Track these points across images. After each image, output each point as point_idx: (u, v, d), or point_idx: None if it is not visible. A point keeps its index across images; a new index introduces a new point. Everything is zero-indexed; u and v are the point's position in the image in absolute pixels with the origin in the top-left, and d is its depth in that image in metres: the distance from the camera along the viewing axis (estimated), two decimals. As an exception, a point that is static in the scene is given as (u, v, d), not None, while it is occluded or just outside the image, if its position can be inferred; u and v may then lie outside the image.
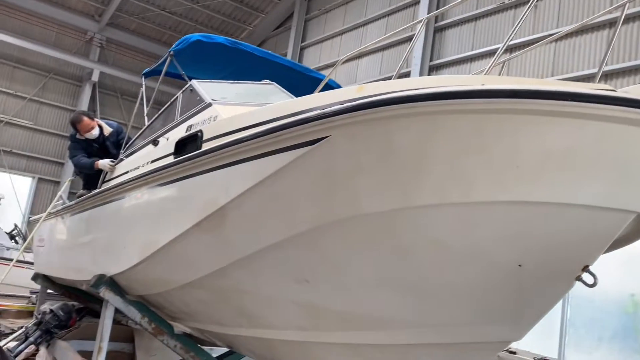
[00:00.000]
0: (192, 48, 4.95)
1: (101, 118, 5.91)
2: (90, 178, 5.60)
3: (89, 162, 5.50)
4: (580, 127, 1.93)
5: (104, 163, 5.25)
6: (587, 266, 2.24)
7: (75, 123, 5.69)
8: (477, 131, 2.01)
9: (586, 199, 2.06)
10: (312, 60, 14.60)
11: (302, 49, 15.51)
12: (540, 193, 2.06)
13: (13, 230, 13.26)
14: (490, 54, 9.08)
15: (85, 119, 5.66)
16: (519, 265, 2.28)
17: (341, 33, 14.06)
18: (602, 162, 2.00)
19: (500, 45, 2.51)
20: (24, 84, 17.58)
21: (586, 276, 2.26)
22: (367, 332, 2.80)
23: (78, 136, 5.75)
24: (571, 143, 1.97)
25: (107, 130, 5.80)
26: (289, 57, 14.90)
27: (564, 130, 1.94)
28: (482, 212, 2.16)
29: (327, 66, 13.24)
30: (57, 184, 17.14)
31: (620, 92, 1.92)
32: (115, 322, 5.65)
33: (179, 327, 4.28)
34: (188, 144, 3.39)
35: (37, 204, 17.03)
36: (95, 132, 5.69)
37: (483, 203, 2.13)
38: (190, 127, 3.70)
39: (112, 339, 5.17)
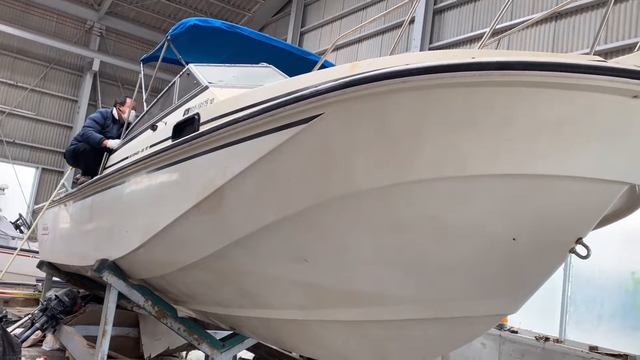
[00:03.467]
0: (189, 32, 4.93)
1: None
2: (90, 165, 5.65)
3: (97, 138, 5.63)
4: (571, 98, 1.93)
5: (112, 143, 5.40)
6: (581, 238, 2.25)
7: (122, 102, 6.10)
8: (468, 105, 2.02)
9: (578, 171, 2.07)
10: (312, 45, 14.54)
11: (302, 34, 15.44)
12: (533, 165, 2.08)
13: (18, 220, 13.35)
14: (490, 36, 9.01)
15: (131, 100, 6.00)
16: (513, 239, 2.30)
17: (340, 17, 13.97)
18: (594, 133, 2.01)
19: (492, 25, 2.50)
20: (25, 74, 17.58)
21: (580, 248, 2.27)
22: (367, 308, 2.83)
23: (114, 112, 6.02)
24: (562, 114, 1.97)
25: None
26: (288, 42, 14.82)
27: (555, 101, 1.95)
28: (476, 185, 2.17)
29: (326, 50, 13.19)
30: (61, 173, 17.22)
31: (611, 62, 1.92)
32: (121, 307, 5.75)
33: (182, 311, 4.33)
34: (186, 128, 3.41)
35: (41, 194, 17.13)
36: (133, 115, 5.78)
37: (477, 177, 2.14)
38: (187, 110, 3.72)
39: (118, 324, 5.26)
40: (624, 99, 1.92)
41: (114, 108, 6.13)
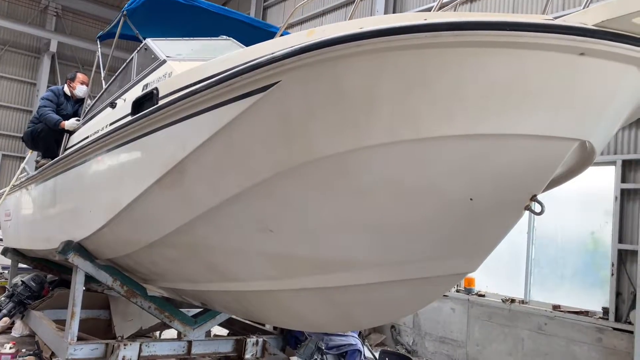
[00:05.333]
0: (145, 6, 4.80)
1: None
2: (50, 146, 5.52)
3: (55, 119, 5.48)
4: (520, 57, 1.97)
5: (70, 123, 5.27)
6: (535, 195, 2.32)
7: (72, 78, 5.94)
8: (421, 67, 2.04)
9: (530, 129, 2.12)
10: (276, 19, 14.33)
11: (265, 8, 15.19)
12: (486, 125, 2.12)
13: (-20, 208, 12.96)
14: (446, 5, 9.04)
15: (85, 76, 5.89)
16: (470, 199, 2.35)
17: (304, -9, 13.79)
18: (544, 91, 2.05)
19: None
20: (-22, 58, 16.92)
21: (534, 205, 2.34)
22: (333, 274, 2.87)
23: (65, 89, 5.84)
24: (513, 73, 2.01)
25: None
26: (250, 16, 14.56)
27: (505, 60, 1.98)
28: (431, 147, 2.21)
29: (291, 25, 13.02)
30: (22, 159, 16.74)
31: (558, 21, 1.96)
32: (91, 290, 5.69)
33: (152, 290, 4.32)
34: (145, 103, 3.35)
35: (2, 181, 16.63)
36: (83, 90, 5.78)
37: (432, 139, 2.18)
38: (146, 86, 3.65)
39: (88, 306, 5.21)
40: (572, 56, 1.97)
41: (65, 84, 5.97)
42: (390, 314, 3.21)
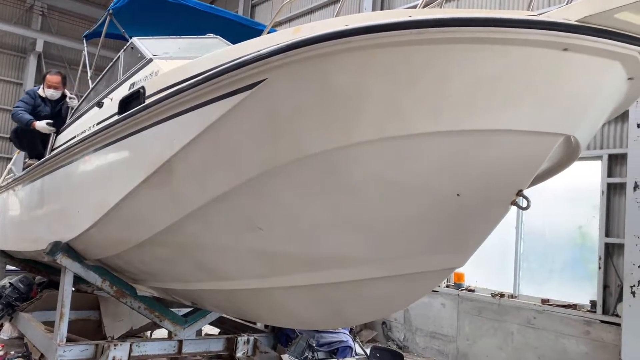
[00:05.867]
0: (132, 5, 4.78)
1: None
2: (34, 146, 5.49)
3: (26, 119, 5.42)
4: (505, 53, 1.99)
5: (41, 124, 5.24)
6: (521, 190, 2.34)
7: (46, 75, 5.80)
8: (407, 63, 2.05)
9: (515, 124, 2.14)
10: (264, 17, 14.29)
11: (253, 6, 15.13)
12: (472, 121, 2.13)
13: (-34, 210, 12.83)
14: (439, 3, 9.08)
15: (59, 78, 5.69)
16: (458, 194, 2.37)
17: (292, -12, 13.76)
18: (528, 87, 2.07)
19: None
20: (-37, 58, 16.70)
21: (520, 200, 2.36)
22: (323, 271, 2.88)
23: (39, 91, 5.72)
24: (497, 69, 2.03)
25: (75, 103, 5.65)
26: (237, 14, 14.52)
27: (490, 56, 1.99)
28: (419, 144, 2.22)
29: (279, 23, 13.00)
30: (9, 160, 16.56)
31: (542, 17, 1.98)
32: (80, 291, 5.66)
33: (142, 290, 4.30)
34: (131, 102, 3.33)
35: (-10, 183, 16.46)
36: (56, 94, 5.65)
37: (419, 135, 2.19)
38: (133, 84, 3.63)
39: (78, 307, 5.18)
40: (555, 52, 1.98)
41: (39, 86, 5.88)
42: (380, 310, 3.22)
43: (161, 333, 6.14)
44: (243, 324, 5.02)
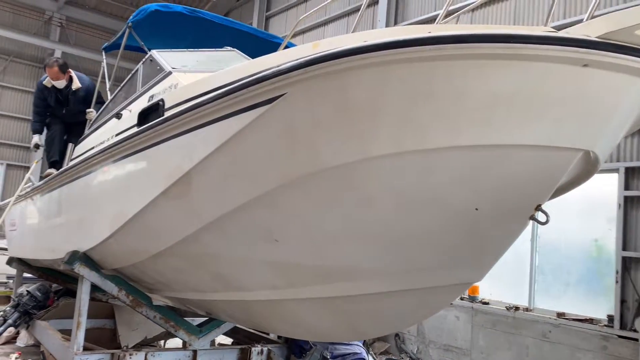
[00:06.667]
0: (150, 18, 4.86)
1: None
2: (62, 155, 5.70)
3: (33, 128, 6.23)
4: (524, 69, 1.99)
5: (36, 139, 6.10)
6: (540, 205, 2.33)
7: (46, 66, 5.88)
8: (426, 79, 2.06)
9: (534, 139, 2.14)
10: (277, 29, 14.41)
11: (268, 18, 15.28)
12: (491, 136, 2.14)
13: (-16, 218, 13.00)
14: (450, 13, 9.10)
15: (56, 68, 5.76)
16: (476, 209, 2.37)
17: (305, 0, 13.88)
18: (547, 102, 2.07)
19: (449, 1, 2.54)
20: (-17, 68, 17.02)
21: (539, 215, 2.36)
22: (338, 284, 2.89)
23: (45, 82, 5.86)
24: (517, 85, 2.03)
25: (76, 84, 5.83)
26: (253, 27, 14.65)
27: (509, 72, 2.00)
28: (437, 158, 2.23)
29: (293, 35, 13.12)
30: (27, 169, 16.80)
31: (561, 33, 1.98)
32: (95, 299, 5.71)
33: (157, 299, 4.33)
34: (151, 114, 3.39)
35: (7, 191, 16.67)
36: (61, 84, 5.80)
37: (437, 149, 2.20)
38: (152, 97, 3.68)
39: (93, 315, 5.23)
40: (575, 67, 1.99)
41: (46, 77, 6.02)
42: (396, 324, 3.21)
43: (175, 342, 6.16)
44: (257, 335, 5.03)
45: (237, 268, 3.24)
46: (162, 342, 6.26)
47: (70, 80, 5.84)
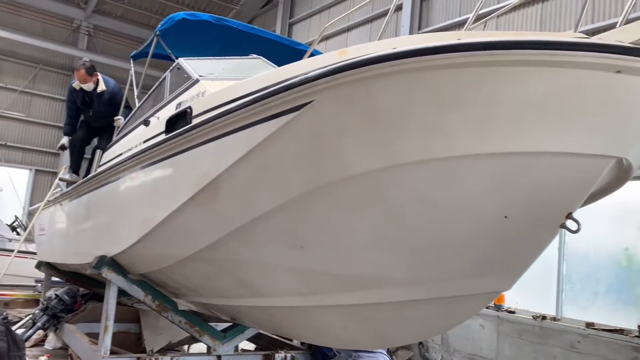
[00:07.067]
0: (177, 27, 4.94)
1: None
2: (78, 163, 5.85)
3: (63, 131, 6.55)
4: (555, 76, 1.97)
5: (64, 140, 6.40)
6: (571, 213, 2.29)
7: (74, 70, 6.19)
8: (454, 85, 2.05)
9: (565, 147, 2.11)
10: (301, 36, 14.51)
11: (291, 25, 15.39)
12: (521, 143, 2.11)
13: (14, 222, 13.33)
14: (477, 18, 9.03)
15: (83, 71, 5.95)
16: (505, 217, 2.34)
17: (329, 7, 13.94)
18: (579, 109, 2.04)
19: (477, 7, 2.53)
20: (14, 76, 17.49)
21: (570, 223, 2.32)
22: (364, 292, 2.87)
23: (74, 85, 6.10)
24: (547, 92, 2.01)
25: (101, 87, 5.99)
26: (277, 34, 14.77)
27: (540, 79, 1.98)
28: (465, 165, 2.21)
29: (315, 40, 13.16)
30: (55, 174, 17.16)
31: (594, 39, 1.95)
32: (121, 304, 5.77)
33: (182, 304, 4.37)
34: (178, 121, 3.43)
35: (36, 196, 17.08)
36: (88, 87, 6.00)
37: (466, 156, 2.18)
38: (179, 104, 3.73)
39: (119, 320, 5.29)
40: (608, 74, 1.95)
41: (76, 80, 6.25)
42: (421, 332, 3.18)
43: (198, 347, 6.21)
44: (280, 341, 5.03)
45: (263, 274, 3.25)
46: (185, 347, 6.32)
47: (97, 83, 6.00)
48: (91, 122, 6.35)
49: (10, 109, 17.31)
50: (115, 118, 5.27)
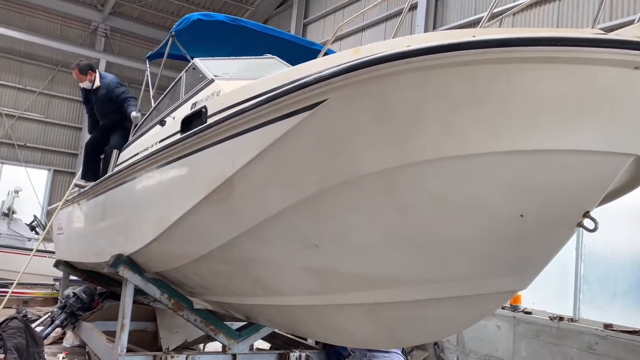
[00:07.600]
0: (193, 27, 4.96)
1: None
2: (91, 168, 5.93)
3: (88, 129, 6.76)
4: (571, 72, 1.94)
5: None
6: (588, 212, 2.26)
7: (72, 69, 6.26)
8: (469, 83, 2.04)
9: (582, 144, 2.08)
10: (315, 36, 14.51)
11: (305, 25, 15.40)
12: (536, 141, 2.09)
13: (33, 221, 13.54)
14: (493, 17, 8.95)
15: (77, 71, 6.10)
16: (521, 216, 2.32)
17: (343, 7, 13.92)
18: (596, 106, 2.02)
19: (492, 5, 2.50)
20: (33, 78, 17.75)
21: (587, 222, 2.29)
22: (377, 291, 2.87)
23: (80, 84, 6.27)
24: (563, 89, 1.98)
25: (96, 84, 6.12)
26: (292, 34, 14.80)
27: (556, 76, 1.96)
28: (479, 164, 2.19)
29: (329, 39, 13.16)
30: (73, 174, 17.38)
31: (611, 35, 1.93)
32: (137, 302, 5.83)
33: (198, 302, 4.40)
34: (194, 121, 3.45)
35: (54, 196, 17.32)
36: (86, 85, 6.14)
37: (479, 155, 2.16)
38: (195, 104, 3.76)
39: (135, 318, 5.34)
40: (626, 70, 1.93)
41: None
42: (436, 332, 3.16)
43: (213, 346, 6.25)
44: (294, 340, 5.04)
45: (276, 273, 3.26)
46: (201, 345, 6.36)
47: (94, 80, 6.13)
48: (100, 119, 6.44)
49: (29, 110, 17.58)
50: (133, 115, 5.20)
